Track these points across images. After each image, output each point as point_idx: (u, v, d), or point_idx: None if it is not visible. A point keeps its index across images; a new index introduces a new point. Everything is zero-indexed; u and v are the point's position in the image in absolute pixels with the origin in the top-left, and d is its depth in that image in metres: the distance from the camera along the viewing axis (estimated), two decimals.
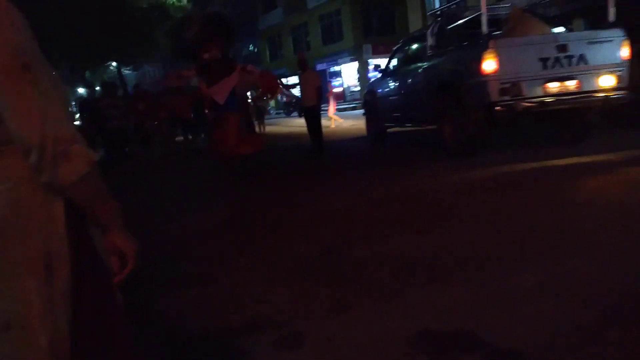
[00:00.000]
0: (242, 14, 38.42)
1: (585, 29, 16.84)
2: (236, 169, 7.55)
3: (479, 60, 5.85)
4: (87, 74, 27.68)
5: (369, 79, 29.91)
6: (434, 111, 6.97)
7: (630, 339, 2.05)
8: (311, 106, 8.99)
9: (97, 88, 18.17)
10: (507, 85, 5.77)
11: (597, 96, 5.96)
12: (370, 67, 29.93)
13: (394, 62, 9.06)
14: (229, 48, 7.55)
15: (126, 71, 29.95)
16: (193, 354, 2.43)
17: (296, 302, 2.81)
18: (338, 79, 32.81)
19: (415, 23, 24.24)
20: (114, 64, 26.73)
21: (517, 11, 6.69)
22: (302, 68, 9.22)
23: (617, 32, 6.10)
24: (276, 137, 15.17)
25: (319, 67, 30.31)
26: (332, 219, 4.49)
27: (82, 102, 13.29)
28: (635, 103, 6.07)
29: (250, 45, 40.71)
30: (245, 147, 7.19)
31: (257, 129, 15.00)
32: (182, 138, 14.12)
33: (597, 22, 16.40)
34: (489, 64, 5.79)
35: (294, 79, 16.84)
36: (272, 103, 31.12)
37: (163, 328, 2.75)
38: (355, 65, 30.35)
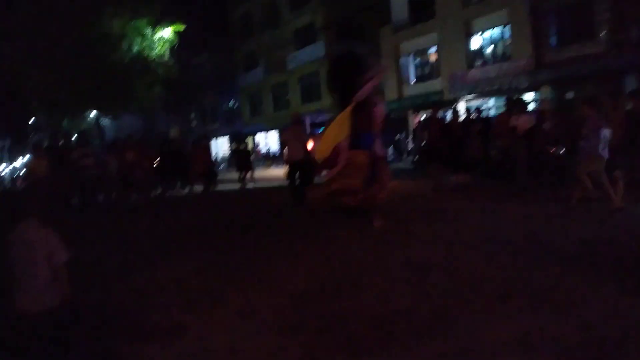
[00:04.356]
0: (223, 70, 39.34)
1: (552, 95, 17.85)
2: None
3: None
4: (65, 122, 27.57)
5: None
6: None
7: None
8: (300, 160, 9.40)
9: (73, 138, 18.05)
10: None
11: None
12: None
13: None
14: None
15: (104, 120, 29.96)
16: None
17: (268, 355, 2.74)
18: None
19: (391, 89, 25.14)
20: (93, 113, 26.75)
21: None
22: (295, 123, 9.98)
23: None
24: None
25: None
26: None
27: (49, 149, 13.05)
28: None
29: (231, 101, 41.41)
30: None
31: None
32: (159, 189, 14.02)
33: (562, 90, 17.22)
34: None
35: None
36: None
37: None
38: None
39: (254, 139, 36.20)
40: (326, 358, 2.65)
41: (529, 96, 18.19)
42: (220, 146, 40.07)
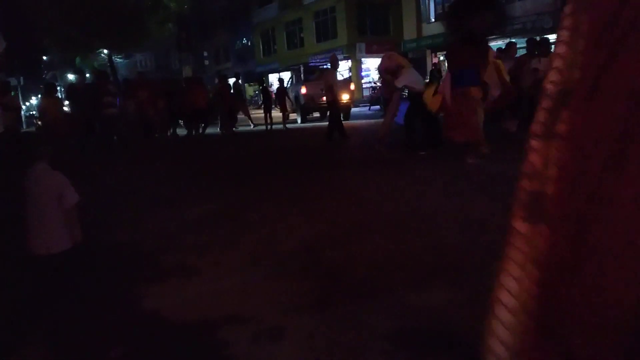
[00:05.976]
0: (236, 7, 38.20)
1: None
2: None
3: (301, 87, 16.01)
4: (77, 60, 27.35)
5: (362, 77, 29.87)
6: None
7: None
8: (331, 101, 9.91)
9: (87, 75, 17.94)
10: (310, 96, 15.70)
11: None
12: (364, 66, 29.98)
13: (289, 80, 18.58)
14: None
15: (117, 59, 29.63)
16: (171, 345, 2.41)
17: (278, 298, 2.80)
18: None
19: (409, 28, 24.29)
20: (105, 51, 26.44)
21: (326, 70, 12.31)
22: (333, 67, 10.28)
23: None
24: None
25: (312, 63, 30.25)
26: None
27: (70, 88, 13.06)
28: None
29: (244, 39, 40.47)
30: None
31: None
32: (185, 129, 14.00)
33: None
34: (304, 89, 15.91)
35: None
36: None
37: (143, 318, 2.73)
38: (348, 63, 30.36)
39: (266, 79, 35.69)
40: (333, 301, 2.70)
41: (553, 37, 17.48)
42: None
